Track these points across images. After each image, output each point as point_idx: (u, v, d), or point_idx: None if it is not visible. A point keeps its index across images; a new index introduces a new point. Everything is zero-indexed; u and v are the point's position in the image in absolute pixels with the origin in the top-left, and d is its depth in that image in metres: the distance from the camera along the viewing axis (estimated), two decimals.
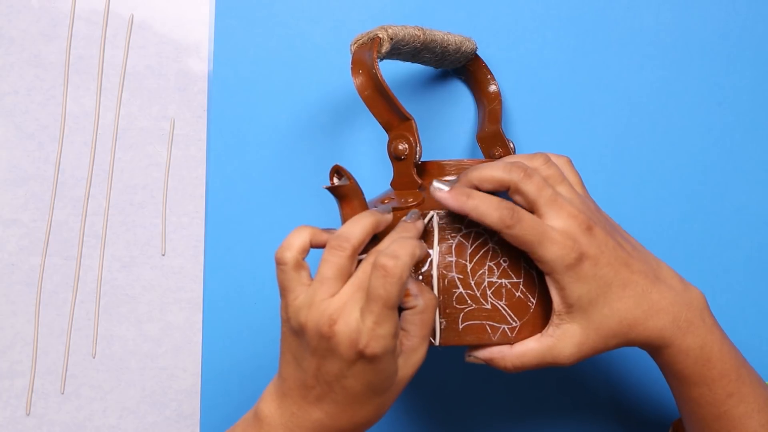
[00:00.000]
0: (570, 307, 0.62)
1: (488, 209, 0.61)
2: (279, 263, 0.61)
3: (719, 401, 0.65)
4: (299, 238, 0.62)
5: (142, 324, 0.83)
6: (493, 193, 0.64)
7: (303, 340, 0.60)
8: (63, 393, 0.82)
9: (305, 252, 0.62)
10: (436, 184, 0.63)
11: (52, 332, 0.82)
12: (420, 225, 0.64)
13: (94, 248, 0.83)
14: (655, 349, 0.65)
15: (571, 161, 0.68)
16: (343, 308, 0.58)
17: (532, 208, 0.62)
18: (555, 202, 0.62)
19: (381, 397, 0.61)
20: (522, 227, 0.61)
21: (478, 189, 0.63)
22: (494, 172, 0.62)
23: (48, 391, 0.82)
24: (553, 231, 0.61)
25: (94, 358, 0.83)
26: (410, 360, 0.61)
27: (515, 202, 0.63)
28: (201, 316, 0.82)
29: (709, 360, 0.64)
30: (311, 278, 0.61)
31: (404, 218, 0.64)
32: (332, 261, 0.60)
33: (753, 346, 0.79)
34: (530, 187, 0.62)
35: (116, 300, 0.83)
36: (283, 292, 0.61)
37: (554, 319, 0.63)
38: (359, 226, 0.61)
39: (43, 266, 0.83)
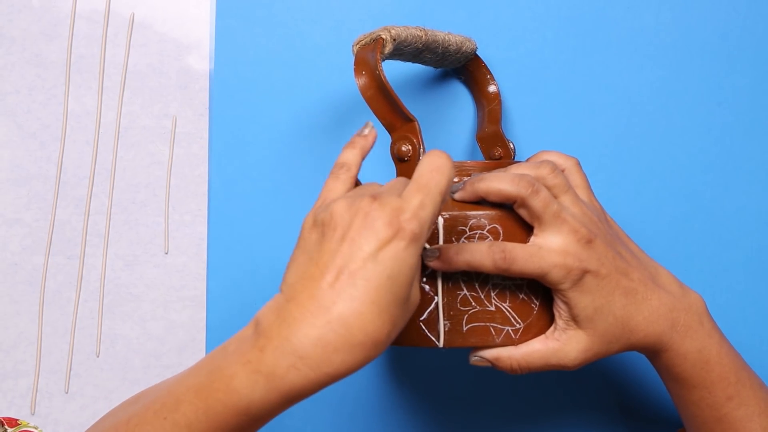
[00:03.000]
0: (576, 317, 0.64)
1: (481, 259, 0.62)
2: (340, 169, 0.61)
3: (719, 404, 0.66)
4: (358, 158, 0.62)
5: (146, 323, 0.83)
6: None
7: (329, 229, 0.55)
8: (67, 392, 0.82)
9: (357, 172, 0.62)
10: (426, 252, 0.63)
11: (55, 332, 0.83)
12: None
13: (97, 247, 0.83)
14: (655, 352, 0.66)
15: (578, 163, 0.69)
16: (386, 189, 0.56)
17: (534, 222, 0.63)
18: (558, 217, 0.63)
19: (395, 308, 0.53)
20: (518, 265, 0.62)
21: (484, 200, 0.65)
22: (502, 185, 0.63)
23: (52, 391, 0.82)
24: (551, 254, 0.62)
25: (98, 357, 0.83)
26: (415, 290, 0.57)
27: (520, 215, 0.64)
28: (204, 314, 0.83)
29: (707, 363, 0.65)
30: None
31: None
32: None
33: (753, 347, 0.79)
34: (536, 203, 0.62)
35: (120, 299, 0.83)
36: (325, 193, 0.60)
37: (560, 323, 0.64)
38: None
39: (46, 266, 0.83)
